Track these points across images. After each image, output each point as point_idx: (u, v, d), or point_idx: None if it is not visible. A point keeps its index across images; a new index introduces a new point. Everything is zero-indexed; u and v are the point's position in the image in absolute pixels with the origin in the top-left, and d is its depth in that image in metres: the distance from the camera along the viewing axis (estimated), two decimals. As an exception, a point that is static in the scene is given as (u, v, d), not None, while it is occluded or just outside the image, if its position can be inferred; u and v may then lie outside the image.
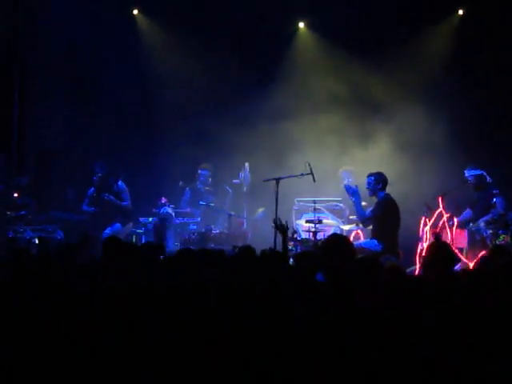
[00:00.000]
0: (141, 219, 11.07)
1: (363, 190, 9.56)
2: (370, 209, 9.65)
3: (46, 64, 12.36)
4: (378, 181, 9.26)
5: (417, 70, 11.65)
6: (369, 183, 9.36)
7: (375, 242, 8.99)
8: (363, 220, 9.52)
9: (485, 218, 9.86)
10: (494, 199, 10.00)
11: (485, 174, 10.15)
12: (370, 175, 9.40)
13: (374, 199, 9.52)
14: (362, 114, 11.69)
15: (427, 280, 4.70)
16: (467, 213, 10.12)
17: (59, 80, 12.54)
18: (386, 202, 9.19)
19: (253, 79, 12.10)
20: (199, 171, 11.60)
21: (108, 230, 10.57)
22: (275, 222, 7.02)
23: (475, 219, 9.98)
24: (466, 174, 10.24)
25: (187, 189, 11.64)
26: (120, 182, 10.94)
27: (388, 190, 9.45)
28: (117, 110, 12.41)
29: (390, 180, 9.57)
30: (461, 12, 12.06)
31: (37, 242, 9.93)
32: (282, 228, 6.74)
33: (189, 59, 12.15)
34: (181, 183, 11.57)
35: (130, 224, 11.07)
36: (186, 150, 11.79)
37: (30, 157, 12.63)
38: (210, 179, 11.61)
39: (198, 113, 12.27)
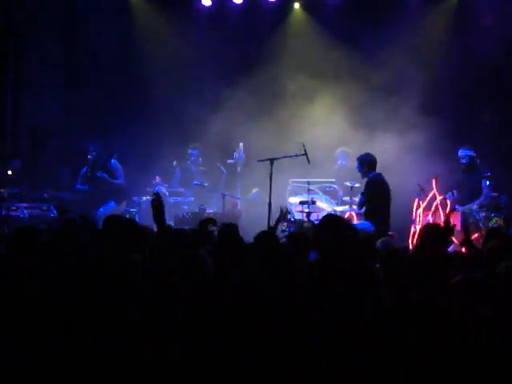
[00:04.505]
0: (134, 198, 11.05)
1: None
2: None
3: (40, 44, 12.30)
4: (363, 163, 9.32)
5: (415, 49, 11.58)
6: (357, 167, 9.43)
7: (368, 222, 9.01)
8: (361, 206, 9.43)
9: (478, 202, 9.88)
10: (487, 182, 9.99)
11: (475, 155, 10.17)
12: (357, 158, 9.45)
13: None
14: (359, 94, 11.62)
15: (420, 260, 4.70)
16: (450, 195, 10.06)
17: (54, 60, 12.48)
18: (371, 182, 9.23)
19: (247, 59, 12.05)
20: (189, 151, 11.60)
21: (102, 209, 10.56)
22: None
23: (462, 201, 9.99)
24: (460, 153, 10.22)
25: (178, 168, 11.64)
26: (113, 160, 10.90)
27: (383, 172, 9.46)
28: (111, 89, 12.36)
29: (384, 162, 9.58)
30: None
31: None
32: (283, 214, 7.50)
33: (183, 38, 12.10)
34: (175, 163, 11.56)
35: (124, 202, 11.05)
36: (180, 129, 11.77)
37: (23, 134, 12.58)
38: (200, 158, 11.61)
39: (194, 91, 12.21)
